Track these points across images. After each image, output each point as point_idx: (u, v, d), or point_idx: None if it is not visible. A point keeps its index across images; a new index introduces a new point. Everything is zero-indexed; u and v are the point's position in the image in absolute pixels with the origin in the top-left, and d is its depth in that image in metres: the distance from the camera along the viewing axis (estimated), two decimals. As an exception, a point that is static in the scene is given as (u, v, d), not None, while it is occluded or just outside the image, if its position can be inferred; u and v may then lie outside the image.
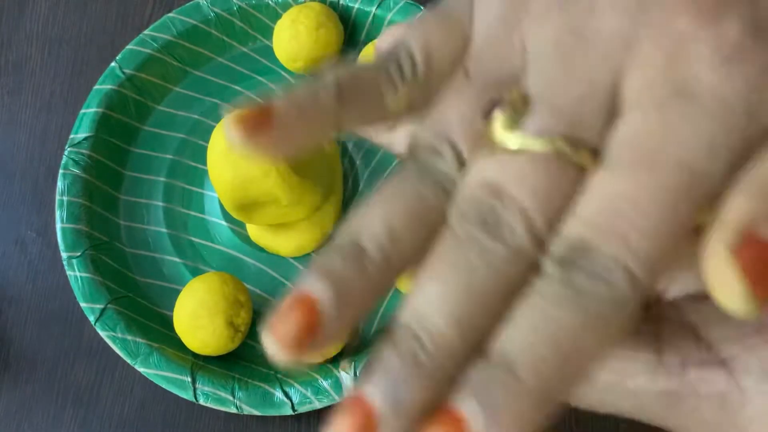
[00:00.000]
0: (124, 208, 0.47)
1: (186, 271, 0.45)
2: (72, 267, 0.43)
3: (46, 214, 0.48)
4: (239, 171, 0.38)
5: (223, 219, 0.46)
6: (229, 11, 0.49)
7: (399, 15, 0.48)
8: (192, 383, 0.40)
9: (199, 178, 0.48)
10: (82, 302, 0.42)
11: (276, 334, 0.13)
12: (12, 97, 0.52)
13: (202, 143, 0.48)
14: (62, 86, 0.52)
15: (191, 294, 0.41)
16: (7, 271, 0.47)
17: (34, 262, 0.47)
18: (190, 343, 0.41)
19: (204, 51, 0.50)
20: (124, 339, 0.41)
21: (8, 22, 0.54)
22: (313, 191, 0.41)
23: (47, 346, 0.45)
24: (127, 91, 0.48)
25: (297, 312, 0.13)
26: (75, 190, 0.45)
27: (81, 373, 0.44)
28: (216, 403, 0.40)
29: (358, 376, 0.40)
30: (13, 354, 0.45)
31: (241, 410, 0.40)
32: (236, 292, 0.41)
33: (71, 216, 0.44)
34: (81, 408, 0.44)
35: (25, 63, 0.53)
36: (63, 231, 0.44)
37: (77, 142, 0.46)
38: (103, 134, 0.47)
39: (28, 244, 0.48)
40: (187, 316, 0.41)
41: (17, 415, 0.44)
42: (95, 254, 0.44)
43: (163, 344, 0.42)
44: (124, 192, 0.47)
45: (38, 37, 0.54)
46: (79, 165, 0.45)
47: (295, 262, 0.46)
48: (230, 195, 0.40)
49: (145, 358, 0.41)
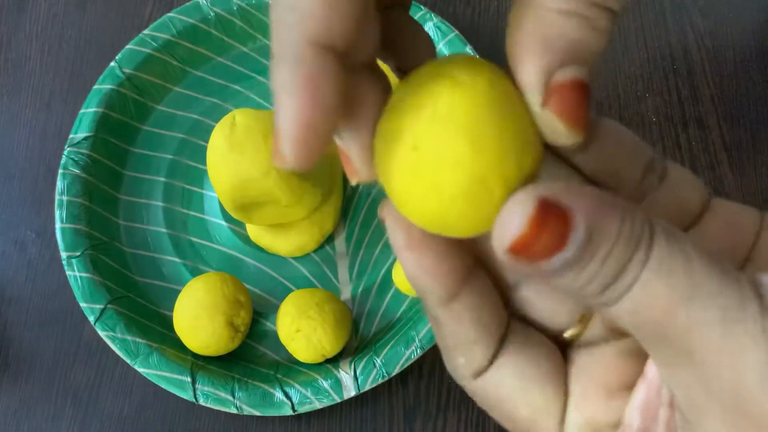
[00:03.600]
0: (123, 208, 0.47)
1: (186, 271, 0.45)
2: (72, 267, 0.43)
3: (45, 214, 0.48)
4: (239, 171, 0.38)
5: (223, 219, 0.46)
6: (229, 11, 0.49)
7: (399, 15, 0.48)
8: (192, 383, 0.40)
9: (198, 178, 0.48)
10: (82, 302, 0.42)
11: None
12: (11, 96, 0.52)
13: (202, 143, 0.48)
14: (62, 86, 0.52)
15: (191, 294, 0.41)
16: (7, 271, 0.47)
17: (33, 262, 0.47)
18: (190, 343, 0.41)
19: (204, 51, 0.50)
20: (123, 339, 0.41)
21: (8, 22, 0.54)
22: (312, 191, 0.41)
23: (47, 346, 0.45)
24: (127, 91, 0.48)
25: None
26: (74, 190, 0.45)
27: (81, 373, 0.44)
28: (216, 403, 0.40)
29: (358, 376, 0.40)
30: (12, 354, 0.45)
31: (241, 410, 0.40)
32: (236, 292, 0.41)
33: (71, 216, 0.44)
34: (80, 408, 0.44)
35: (25, 63, 0.53)
36: (62, 231, 0.44)
37: (77, 141, 0.46)
38: (103, 134, 0.47)
39: (27, 244, 0.48)
40: (186, 316, 0.41)
41: (17, 414, 0.44)
42: (95, 254, 0.44)
43: (162, 344, 0.42)
44: (123, 192, 0.47)
45: (38, 37, 0.54)
46: (78, 165, 0.45)
47: (294, 262, 0.46)
48: (230, 195, 0.40)
49: (145, 358, 0.41)
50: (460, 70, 0.17)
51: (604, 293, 0.14)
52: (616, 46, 0.50)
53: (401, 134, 0.16)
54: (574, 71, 0.15)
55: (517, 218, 0.14)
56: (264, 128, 0.38)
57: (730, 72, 0.50)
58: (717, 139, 0.47)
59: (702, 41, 0.50)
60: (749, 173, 0.46)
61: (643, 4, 0.52)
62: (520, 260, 0.14)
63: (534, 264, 0.14)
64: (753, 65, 0.50)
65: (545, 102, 0.15)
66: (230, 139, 0.38)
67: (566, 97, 0.15)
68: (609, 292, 0.14)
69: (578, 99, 0.15)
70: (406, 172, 0.16)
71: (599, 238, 0.14)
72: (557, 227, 0.13)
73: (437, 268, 0.16)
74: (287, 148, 0.15)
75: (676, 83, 0.49)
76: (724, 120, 0.48)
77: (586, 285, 0.14)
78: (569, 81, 0.15)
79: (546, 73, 0.15)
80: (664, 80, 0.49)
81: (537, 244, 0.14)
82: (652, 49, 0.50)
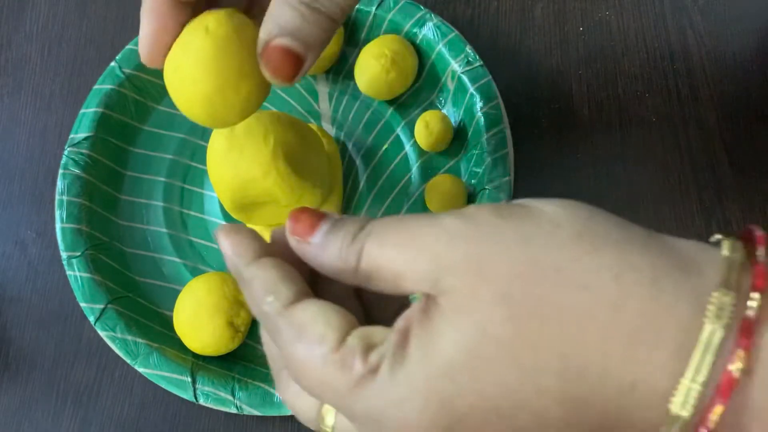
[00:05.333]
0: (123, 208, 0.47)
1: (186, 271, 0.45)
2: (72, 267, 0.43)
3: (45, 214, 0.48)
4: (239, 171, 0.38)
5: (223, 219, 0.46)
6: (228, 11, 0.49)
7: (399, 15, 0.48)
8: (192, 383, 0.40)
9: (198, 178, 0.48)
10: (82, 302, 0.42)
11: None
12: (12, 96, 0.52)
13: (202, 143, 0.48)
14: (62, 86, 0.52)
15: (191, 294, 0.41)
16: (7, 271, 0.47)
17: (33, 261, 0.47)
18: (190, 343, 0.41)
19: (204, 51, 0.50)
20: (123, 339, 0.41)
21: (8, 22, 0.54)
22: (312, 191, 0.41)
23: (47, 346, 0.45)
24: (127, 91, 0.48)
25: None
26: (75, 190, 0.45)
27: (81, 373, 0.44)
28: (216, 403, 0.40)
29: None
30: (12, 354, 0.45)
31: (242, 410, 0.40)
32: (236, 292, 0.41)
33: (71, 216, 0.44)
34: (81, 408, 0.44)
35: (25, 63, 0.53)
36: (63, 231, 0.44)
37: (77, 141, 0.46)
38: (103, 134, 0.47)
39: (27, 244, 0.48)
40: (187, 316, 0.41)
41: (17, 414, 0.44)
42: (95, 254, 0.44)
43: (163, 344, 0.42)
44: (123, 192, 0.47)
45: (38, 37, 0.54)
46: (78, 165, 0.45)
47: (295, 262, 0.46)
48: (230, 195, 0.40)
49: (145, 358, 0.41)
50: (217, 22, 0.27)
51: (346, 260, 0.21)
52: (616, 46, 0.50)
53: (174, 59, 0.28)
54: (283, 40, 0.26)
55: (290, 223, 0.23)
56: (264, 128, 0.38)
57: (730, 72, 0.49)
58: (717, 139, 0.47)
59: (702, 41, 0.50)
60: (749, 174, 0.46)
61: (643, 4, 0.52)
62: (299, 242, 0.23)
63: (303, 243, 0.23)
64: (753, 65, 0.50)
65: (260, 55, 0.26)
66: (230, 140, 0.38)
67: (272, 55, 0.26)
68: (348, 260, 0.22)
69: (281, 56, 0.26)
70: (173, 85, 0.28)
71: (335, 229, 0.22)
72: (307, 222, 0.23)
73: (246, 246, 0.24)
74: (142, 50, 0.28)
75: (676, 83, 0.49)
76: (724, 120, 0.48)
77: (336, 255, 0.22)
78: (278, 45, 0.26)
79: (267, 36, 0.26)
80: (663, 80, 0.49)
81: (299, 231, 0.23)
82: (651, 49, 0.50)
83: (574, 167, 0.47)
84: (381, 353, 0.20)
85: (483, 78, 0.45)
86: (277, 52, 0.26)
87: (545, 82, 0.50)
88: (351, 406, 0.20)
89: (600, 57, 0.50)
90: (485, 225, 0.20)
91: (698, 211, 0.46)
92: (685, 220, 0.45)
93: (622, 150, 0.47)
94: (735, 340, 0.18)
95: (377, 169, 0.47)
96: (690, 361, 0.18)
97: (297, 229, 0.23)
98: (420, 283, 0.20)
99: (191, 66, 0.27)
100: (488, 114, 0.45)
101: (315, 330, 0.21)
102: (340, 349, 0.20)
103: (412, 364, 0.20)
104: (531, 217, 0.20)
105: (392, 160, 0.47)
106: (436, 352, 0.19)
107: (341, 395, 0.20)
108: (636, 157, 0.47)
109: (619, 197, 0.46)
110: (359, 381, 0.20)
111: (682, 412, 0.18)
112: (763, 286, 0.18)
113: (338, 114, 0.48)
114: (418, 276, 0.20)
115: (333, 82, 0.49)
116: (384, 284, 0.21)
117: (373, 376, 0.20)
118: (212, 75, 0.27)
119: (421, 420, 0.19)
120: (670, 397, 0.18)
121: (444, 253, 0.20)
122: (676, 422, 0.18)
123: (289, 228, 0.23)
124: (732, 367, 0.18)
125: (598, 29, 0.51)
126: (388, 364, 0.20)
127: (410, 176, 0.46)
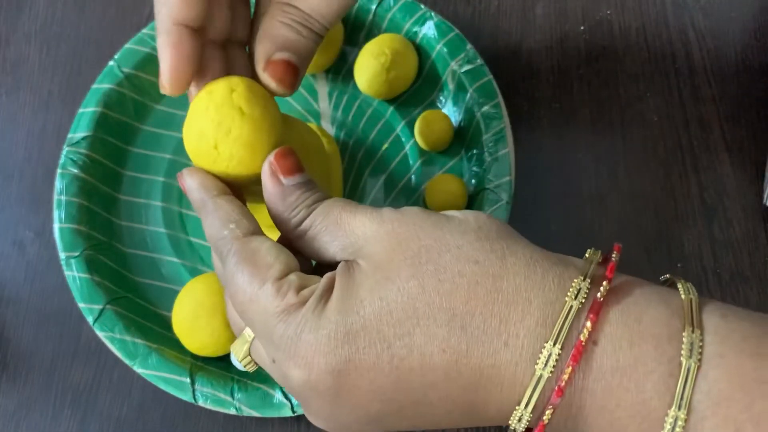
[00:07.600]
0: (122, 208, 0.47)
1: (185, 272, 0.45)
2: (70, 267, 0.43)
3: (44, 214, 0.48)
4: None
5: (222, 219, 0.46)
6: (228, 10, 0.49)
7: (399, 13, 0.47)
8: (191, 384, 0.40)
9: (198, 177, 0.47)
10: (81, 303, 0.42)
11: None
12: (10, 96, 0.52)
13: (201, 143, 0.48)
14: (60, 85, 0.52)
15: (190, 294, 0.41)
16: (5, 272, 0.47)
17: (32, 262, 0.47)
18: (189, 343, 0.41)
19: (203, 50, 0.50)
20: (122, 340, 0.41)
21: (6, 21, 0.54)
22: (312, 191, 0.41)
23: (45, 347, 0.45)
24: (126, 90, 0.47)
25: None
26: (73, 190, 0.45)
27: (79, 373, 0.44)
28: (215, 404, 0.40)
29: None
30: (11, 354, 0.45)
31: (241, 411, 0.39)
32: (235, 292, 0.41)
33: (69, 216, 0.44)
34: (79, 409, 0.43)
35: (23, 62, 0.53)
36: (61, 231, 0.44)
37: (75, 141, 0.45)
38: (102, 134, 0.46)
39: (26, 245, 0.48)
40: (185, 316, 0.40)
41: (15, 415, 0.44)
42: (93, 254, 0.44)
43: (161, 345, 0.41)
44: (122, 192, 0.47)
45: (36, 36, 0.54)
46: (77, 165, 0.45)
47: (294, 263, 0.46)
48: (229, 195, 0.39)
49: (144, 359, 0.40)
50: (248, 104, 0.29)
51: (296, 215, 0.27)
52: (617, 46, 0.50)
53: (206, 137, 0.29)
54: (283, 54, 0.30)
55: (278, 154, 0.28)
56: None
57: (732, 72, 0.49)
58: (719, 139, 0.47)
59: (703, 41, 0.50)
60: (751, 173, 0.46)
61: (645, 3, 0.51)
62: (273, 173, 0.28)
63: (275, 177, 0.28)
64: (755, 65, 0.49)
65: (264, 69, 0.30)
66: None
67: (276, 67, 0.30)
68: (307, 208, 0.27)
69: (283, 69, 0.30)
70: (209, 162, 0.29)
71: (307, 186, 0.28)
72: (293, 165, 0.28)
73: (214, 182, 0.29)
74: (164, 81, 0.29)
75: (678, 83, 0.49)
76: (725, 120, 0.48)
77: (292, 204, 0.27)
78: (279, 59, 0.30)
79: (267, 53, 0.30)
80: (665, 80, 0.49)
81: (282, 165, 0.28)
82: (653, 48, 0.50)
83: (576, 167, 0.47)
84: (311, 291, 0.25)
85: (483, 77, 0.45)
86: (280, 65, 0.30)
87: (546, 81, 0.49)
88: (273, 327, 0.25)
89: (601, 56, 0.50)
90: (410, 215, 0.26)
91: (700, 211, 0.46)
92: (686, 220, 0.45)
93: (623, 150, 0.47)
94: (586, 316, 0.23)
95: (377, 168, 0.47)
96: (553, 329, 0.23)
97: (281, 163, 0.27)
98: (341, 254, 0.26)
99: (240, 151, 0.29)
100: (489, 113, 0.44)
101: (265, 259, 0.25)
102: (280, 280, 0.25)
103: (332, 302, 0.24)
104: (446, 215, 0.26)
105: (392, 160, 0.47)
106: (352, 296, 0.24)
107: (268, 316, 0.25)
108: (637, 156, 0.47)
109: (620, 197, 0.46)
110: (287, 308, 0.24)
111: (545, 372, 0.23)
112: (611, 276, 0.24)
113: (338, 113, 0.48)
114: (340, 250, 0.26)
115: (333, 81, 0.49)
116: (310, 249, 0.27)
117: (299, 307, 0.24)
118: (256, 155, 0.29)
119: (328, 344, 0.24)
120: (536, 359, 0.23)
121: (372, 230, 0.26)
122: (540, 381, 0.23)
123: (274, 155, 0.27)
124: (582, 337, 0.23)
125: (599, 28, 0.51)
126: (314, 301, 0.24)
127: (410, 176, 0.46)
